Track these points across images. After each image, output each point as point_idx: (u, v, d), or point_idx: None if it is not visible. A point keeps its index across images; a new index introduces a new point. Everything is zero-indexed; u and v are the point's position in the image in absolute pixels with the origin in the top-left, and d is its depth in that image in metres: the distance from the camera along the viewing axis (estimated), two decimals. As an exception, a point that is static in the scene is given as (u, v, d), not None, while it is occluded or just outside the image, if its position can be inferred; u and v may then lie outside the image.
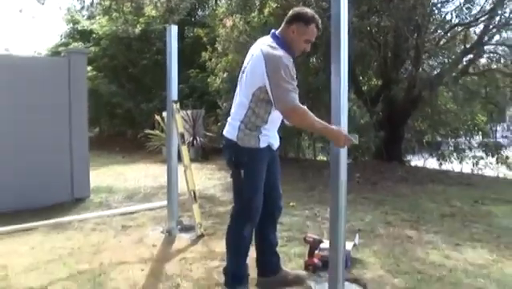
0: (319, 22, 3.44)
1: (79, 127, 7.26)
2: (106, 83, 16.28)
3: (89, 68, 12.44)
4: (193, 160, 5.87)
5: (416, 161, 12.62)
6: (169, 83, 5.41)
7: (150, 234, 5.44)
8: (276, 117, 3.47)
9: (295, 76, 3.41)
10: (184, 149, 5.36)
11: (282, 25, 3.49)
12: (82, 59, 7.57)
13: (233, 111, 3.57)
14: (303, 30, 3.40)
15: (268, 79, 3.26)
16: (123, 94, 16.32)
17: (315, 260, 4.07)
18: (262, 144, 3.43)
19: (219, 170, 10.32)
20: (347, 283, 3.65)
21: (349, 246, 4.15)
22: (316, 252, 4.12)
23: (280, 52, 3.33)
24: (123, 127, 17.58)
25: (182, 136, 5.35)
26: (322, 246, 4.13)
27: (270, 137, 3.51)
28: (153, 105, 14.70)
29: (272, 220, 3.80)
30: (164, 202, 6.07)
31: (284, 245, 4.65)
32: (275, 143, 3.59)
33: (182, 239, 5.19)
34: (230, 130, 3.50)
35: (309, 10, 3.47)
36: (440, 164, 12.22)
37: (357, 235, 4.70)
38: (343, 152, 3.43)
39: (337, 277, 3.52)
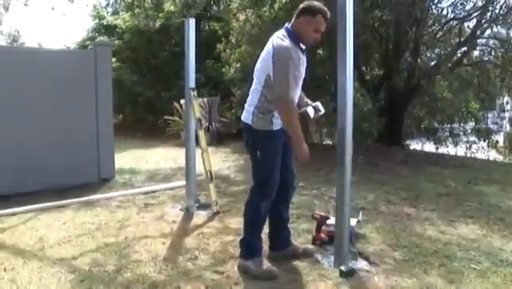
0: (327, 12, 3.41)
1: (104, 113, 7.29)
2: (129, 73, 16.27)
3: (113, 60, 12.41)
4: (208, 144, 5.87)
5: (415, 145, 12.62)
6: (187, 71, 5.40)
7: (170, 211, 5.48)
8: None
9: (304, 66, 3.43)
10: (201, 133, 5.36)
11: (293, 18, 3.48)
12: (107, 51, 7.56)
13: (248, 98, 3.59)
14: (311, 20, 3.39)
15: (273, 65, 3.30)
16: (144, 83, 16.30)
17: (322, 235, 4.09)
18: (275, 127, 3.45)
19: (233, 153, 10.32)
20: (351, 256, 3.65)
21: (353, 222, 4.15)
22: (323, 228, 4.13)
23: (287, 43, 3.34)
24: (145, 114, 17.55)
25: (199, 121, 5.34)
26: (328, 222, 4.14)
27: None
28: (172, 93, 14.65)
29: (286, 198, 3.81)
30: (183, 182, 6.10)
31: (294, 221, 4.65)
32: None
33: (199, 216, 5.22)
34: (246, 115, 3.55)
35: (316, 3, 3.45)
36: (437, 147, 12.24)
37: (360, 212, 4.70)
38: (349, 136, 3.43)
39: (342, 250, 3.55)
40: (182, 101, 11.99)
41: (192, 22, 5.40)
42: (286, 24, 3.52)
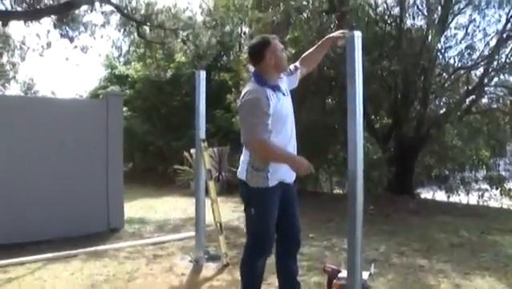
0: (268, 36, 3.52)
1: (114, 162, 7.31)
2: (139, 122, 16.45)
3: (125, 109, 12.55)
4: (218, 194, 5.84)
5: (426, 194, 12.48)
6: (198, 122, 5.42)
7: (179, 262, 5.41)
8: (279, 144, 3.37)
9: (282, 101, 3.40)
10: (211, 184, 5.34)
11: (255, 65, 3.48)
12: (118, 100, 7.68)
13: (242, 152, 3.58)
14: (272, 49, 3.40)
15: (239, 115, 3.40)
16: (155, 132, 16.45)
17: (334, 289, 3.99)
18: (272, 183, 3.38)
19: (243, 203, 10.25)
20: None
21: (365, 275, 4.05)
22: (334, 281, 4.02)
23: (250, 89, 3.33)
24: (155, 162, 17.62)
25: (209, 172, 5.34)
26: (340, 275, 4.05)
27: (282, 172, 3.41)
28: (182, 143, 14.74)
29: (291, 251, 3.72)
30: (192, 233, 6.03)
31: (304, 274, 4.56)
32: (288, 176, 3.50)
33: (209, 268, 5.15)
34: (241, 170, 3.52)
35: (257, 38, 3.58)
36: (449, 196, 12.09)
37: (372, 265, 4.59)
38: (360, 186, 3.39)
39: (355, 305, 3.46)
40: (192, 150, 12.05)
41: (202, 73, 5.47)
42: (251, 71, 3.59)
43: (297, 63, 3.82)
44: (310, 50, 3.89)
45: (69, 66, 28.70)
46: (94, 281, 4.67)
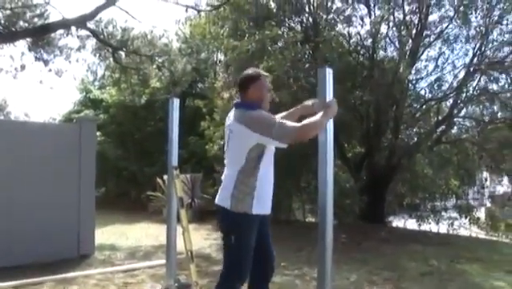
0: (259, 72, 3.56)
1: (87, 187, 7.22)
2: (113, 147, 16.33)
3: (98, 133, 12.49)
4: (190, 221, 5.81)
5: (397, 222, 12.64)
6: (170, 149, 5.40)
7: (149, 290, 5.31)
8: (266, 174, 3.45)
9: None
10: (183, 213, 5.30)
11: (240, 93, 3.56)
12: (92, 125, 7.64)
13: (224, 182, 3.55)
14: (259, 84, 3.48)
15: (252, 130, 3.29)
16: (128, 157, 16.34)
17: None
18: (255, 211, 3.39)
19: (215, 231, 10.18)
20: None
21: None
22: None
23: (250, 110, 3.38)
24: (128, 188, 17.45)
25: (181, 199, 5.30)
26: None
27: (265, 199, 3.45)
28: (155, 168, 14.66)
29: (264, 279, 3.71)
30: (163, 261, 5.96)
31: (274, 303, 4.54)
32: (267, 207, 3.52)
33: (179, 296, 5.05)
34: (222, 198, 3.51)
35: (249, 71, 3.57)
36: (419, 224, 12.28)
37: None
38: (329, 215, 3.41)
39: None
40: (165, 177, 11.98)
41: (176, 101, 5.47)
42: (236, 102, 3.60)
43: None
44: (290, 110, 3.92)
45: (43, 89, 28.50)
46: (61, 309, 4.57)
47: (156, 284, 5.59)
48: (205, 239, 8.87)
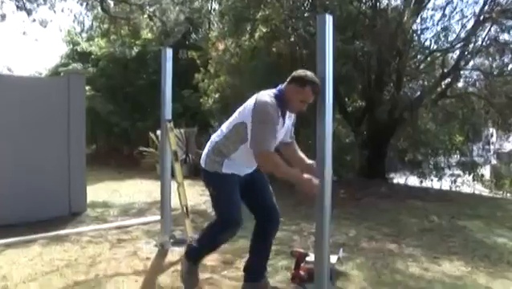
0: (317, 85, 3.51)
1: (76, 144, 7.27)
2: (103, 102, 16.26)
3: (87, 88, 12.44)
4: (185, 176, 5.88)
5: (399, 179, 12.69)
6: (164, 102, 5.43)
7: (144, 247, 5.43)
8: (242, 159, 3.62)
9: (283, 128, 3.63)
10: (178, 166, 5.37)
11: (286, 82, 3.61)
12: (81, 79, 7.61)
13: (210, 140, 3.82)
14: (299, 91, 3.51)
15: (252, 119, 3.43)
16: (119, 113, 16.32)
17: (301, 272, 4.09)
18: (225, 170, 3.62)
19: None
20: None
21: (333, 259, 4.18)
22: (302, 265, 4.13)
23: (270, 100, 3.46)
24: (119, 144, 17.54)
25: (175, 153, 5.36)
26: (308, 259, 4.15)
27: (236, 168, 3.66)
28: (148, 123, 14.71)
29: (264, 237, 3.87)
30: (158, 217, 6.08)
31: (272, 258, 4.62)
32: (242, 172, 3.73)
33: (175, 252, 5.17)
34: (203, 157, 3.80)
35: (309, 74, 3.55)
36: (421, 181, 12.29)
37: (341, 249, 4.72)
38: (328, 170, 3.47)
39: (322, 288, 3.56)
40: (158, 132, 12.03)
41: (169, 51, 5.47)
42: (280, 85, 3.63)
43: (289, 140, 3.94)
44: (296, 155, 3.95)
45: (27, 41, 28.16)
46: (54, 267, 4.66)
47: (151, 240, 5.70)
48: (200, 195, 8.96)
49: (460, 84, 11.65)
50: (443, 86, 10.83)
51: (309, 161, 3.81)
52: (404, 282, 4.22)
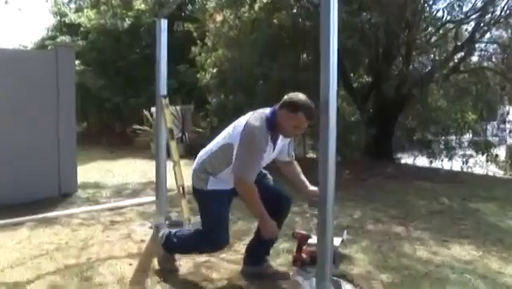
0: (310, 109, 3.56)
1: (66, 121, 7.26)
2: (94, 77, 16.23)
3: (77, 62, 12.41)
4: (181, 156, 5.89)
5: (406, 159, 12.69)
6: (158, 77, 5.43)
7: (138, 229, 5.48)
8: (228, 177, 3.62)
9: (270, 154, 3.68)
10: (173, 145, 5.38)
11: (278, 105, 3.64)
12: (69, 52, 7.56)
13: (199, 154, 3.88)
14: (291, 117, 3.54)
15: (240, 142, 3.47)
16: (111, 88, 16.29)
17: (303, 255, 4.10)
18: (210, 187, 3.69)
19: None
20: (334, 279, 3.69)
21: (337, 241, 4.21)
22: (304, 247, 4.15)
23: (260, 125, 3.49)
24: (112, 122, 17.55)
25: (171, 131, 5.37)
26: (310, 241, 4.18)
27: (221, 185, 3.69)
28: (142, 100, 14.70)
29: (276, 211, 3.80)
30: (153, 198, 6.12)
31: (273, 240, 4.68)
32: (229, 187, 3.71)
33: (170, 234, 5.22)
34: (191, 173, 3.87)
35: (301, 97, 3.59)
36: (431, 161, 12.32)
37: (345, 231, 4.74)
38: (332, 148, 3.48)
39: (324, 272, 3.57)
40: (153, 109, 12.03)
41: (164, 22, 5.45)
42: (275, 106, 3.65)
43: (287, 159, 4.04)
44: (297, 177, 4.07)
45: (9, 11, 27.74)
46: (43, 250, 4.69)
47: (146, 222, 5.75)
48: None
49: (474, 58, 11.61)
50: (456, 60, 10.79)
51: (311, 187, 3.91)
52: (411, 266, 4.25)
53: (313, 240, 4.11)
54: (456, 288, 3.80)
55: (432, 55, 11.32)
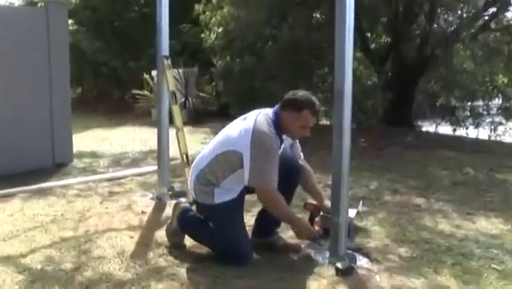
0: (314, 105, 3.59)
1: (60, 86, 7.28)
2: (89, 38, 16.19)
3: (70, 22, 12.37)
4: (185, 123, 5.93)
5: (428, 127, 12.57)
6: (159, 37, 5.42)
7: (139, 200, 5.53)
8: (235, 184, 3.63)
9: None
10: (176, 109, 5.40)
11: (279, 106, 3.67)
12: (61, 10, 7.52)
13: (193, 163, 3.87)
14: (296, 117, 3.59)
15: (251, 150, 3.45)
16: (108, 51, 16.25)
17: (316, 227, 4.12)
18: (218, 200, 3.63)
19: (214, 134, 10.34)
20: (349, 252, 3.73)
21: (352, 213, 4.24)
22: (316, 219, 4.17)
23: (270, 131, 3.51)
24: (109, 87, 17.54)
25: (174, 94, 5.38)
26: (323, 213, 4.21)
27: (230, 195, 3.64)
28: (141, 63, 14.67)
29: (287, 179, 3.78)
30: (154, 167, 6.17)
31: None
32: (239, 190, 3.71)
33: (173, 206, 5.26)
34: (190, 185, 3.87)
35: (302, 94, 3.63)
36: (455, 129, 12.15)
37: (361, 202, 4.77)
38: (347, 114, 3.49)
39: (338, 245, 3.63)
40: (154, 73, 12.02)
41: (165, -24, 5.42)
42: (276, 106, 3.68)
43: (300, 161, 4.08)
44: (311, 187, 4.18)
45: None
46: (38, 222, 4.74)
47: (147, 193, 5.80)
48: (201, 143, 8.99)
49: (508, 14, 11.39)
50: (486, 17, 10.61)
51: (326, 201, 4.01)
52: (431, 240, 4.25)
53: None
54: (481, 263, 3.78)
55: (459, 12, 11.13)
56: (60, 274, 3.55)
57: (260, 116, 3.61)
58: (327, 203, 3.91)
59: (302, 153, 4.16)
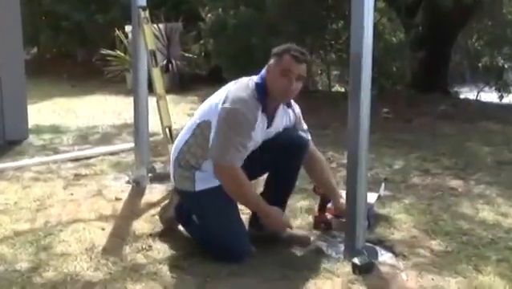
0: (297, 51, 3.62)
1: (9, 45, 7.28)
2: (46, -15, 16.13)
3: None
4: (168, 90, 5.92)
5: (467, 93, 12.56)
6: (134, -17, 5.42)
7: (112, 184, 5.57)
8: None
9: (263, 131, 3.70)
10: (157, 72, 5.40)
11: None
12: None
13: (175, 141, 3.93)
14: (277, 63, 3.61)
15: (218, 118, 3.49)
16: (69, 1, 16.17)
17: (328, 216, 4.15)
18: (199, 186, 3.68)
19: (201, 103, 10.36)
20: (369, 246, 3.78)
21: (372, 198, 4.26)
22: (329, 206, 4.19)
23: (246, 95, 3.54)
24: (72, 46, 17.48)
25: (153, 54, 5.38)
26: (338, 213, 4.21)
27: (214, 181, 3.64)
28: (111, 16, 14.63)
29: (287, 159, 3.90)
30: (131, 144, 6.20)
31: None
32: None
33: (154, 191, 5.29)
34: (170, 170, 3.95)
35: (290, 44, 3.71)
36: (501, 96, 12.12)
37: (383, 185, 4.78)
38: (367, 79, 3.48)
39: (356, 237, 3.65)
40: (128, 28, 12.00)
41: None
42: (264, 70, 3.72)
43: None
44: (322, 178, 4.16)
45: None
46: (-15, 213, 4.76)
47: (122, 175, 5.84)
48: (188, 115, 9.04)
49: None
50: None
51: (342, 200, 3.95)
52: (471, 232, 4.25)
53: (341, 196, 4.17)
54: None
55: None
56: (14, 275, 3.53)
57: (239, 83, 3.68)
58: (343, 201, 3.90)
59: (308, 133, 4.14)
